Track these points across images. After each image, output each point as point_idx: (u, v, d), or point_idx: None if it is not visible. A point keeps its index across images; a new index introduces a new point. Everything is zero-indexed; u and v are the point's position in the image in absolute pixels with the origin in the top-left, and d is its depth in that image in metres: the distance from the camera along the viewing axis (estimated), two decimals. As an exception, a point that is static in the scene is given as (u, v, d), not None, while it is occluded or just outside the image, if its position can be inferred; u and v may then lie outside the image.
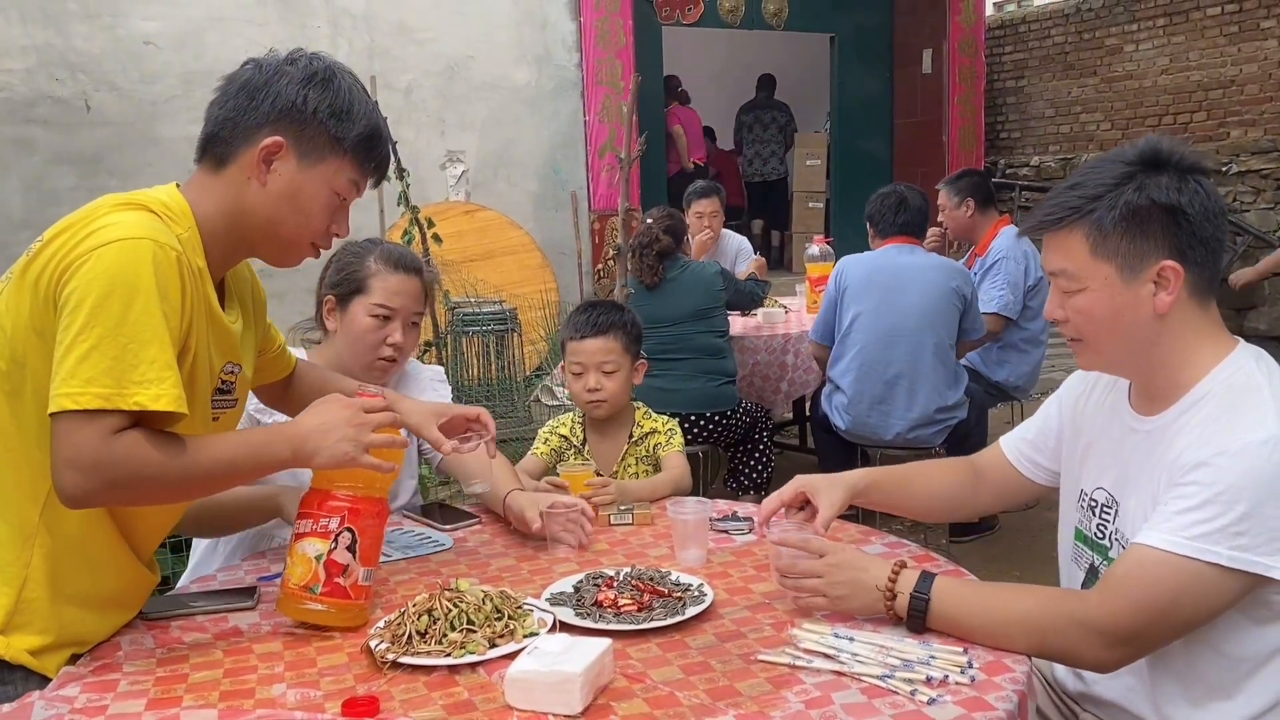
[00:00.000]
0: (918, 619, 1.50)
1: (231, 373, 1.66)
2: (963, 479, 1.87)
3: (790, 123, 10.38)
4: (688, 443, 4.02)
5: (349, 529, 1.61)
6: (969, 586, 1.55)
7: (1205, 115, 8.21)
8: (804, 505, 1.77)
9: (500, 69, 7.34)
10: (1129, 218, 1.45)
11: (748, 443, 4.26)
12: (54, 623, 1.52)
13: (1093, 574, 1.63)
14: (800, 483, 1.77)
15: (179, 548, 2.70)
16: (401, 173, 5.07)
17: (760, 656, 1.46)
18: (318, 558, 1.59)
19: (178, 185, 1.62)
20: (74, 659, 1.54)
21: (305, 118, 1.55)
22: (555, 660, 1.35)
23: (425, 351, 5.47)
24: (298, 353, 2.24)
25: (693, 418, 3.98)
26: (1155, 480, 1.49)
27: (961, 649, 1.45)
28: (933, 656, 1.43)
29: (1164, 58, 8.46)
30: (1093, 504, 1.64)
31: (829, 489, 1.75)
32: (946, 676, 1.38)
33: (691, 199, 5.32)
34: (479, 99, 7.31)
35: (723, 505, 2.12)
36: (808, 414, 5.11)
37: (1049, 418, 1.78)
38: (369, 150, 1.62)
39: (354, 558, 1.61)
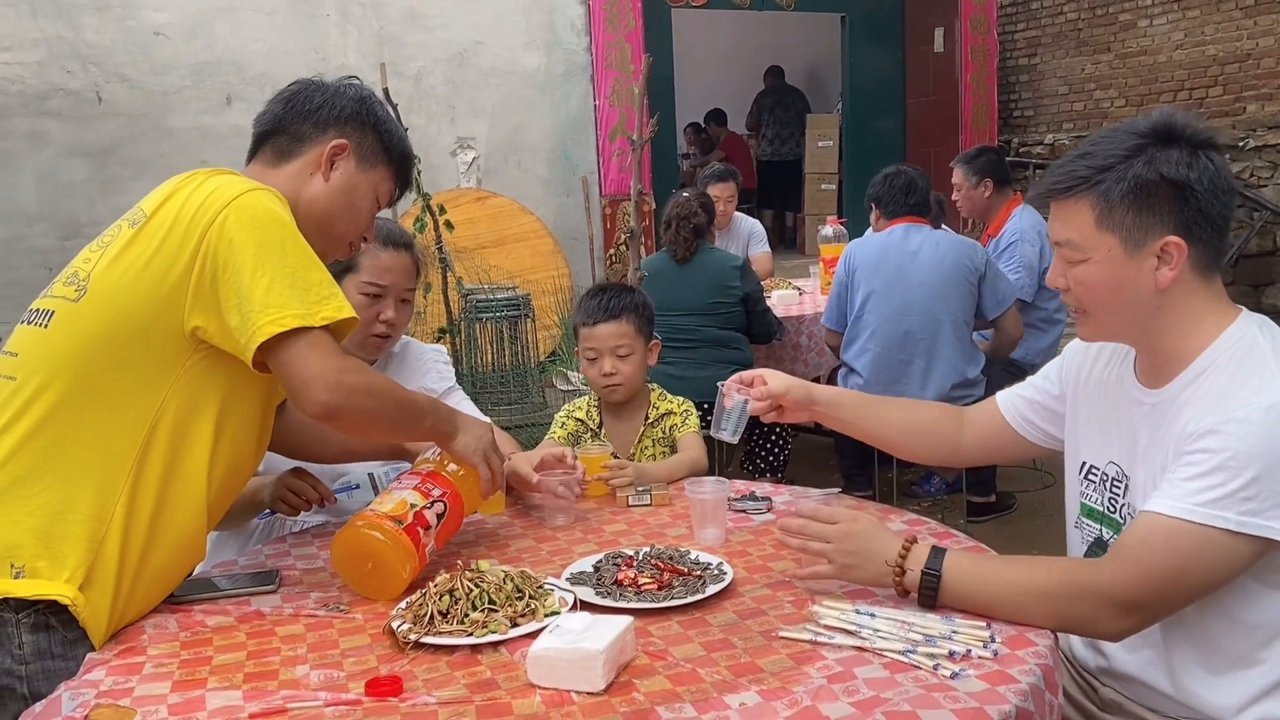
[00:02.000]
0: (929, 596, 1.49)
1: None
2: (942, 419, 1.87)
3: (807, 107, 10.38)
4: (701, 428, 4.05)
5: (444, 502, 1.73)
6: (981, 561, 1.54)
7: (1221, 90, 8.13)
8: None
9: (509, 54, 7.33)
10: (1136, 191, 1.44)
11: (763, 425, 4.23)
12: (119, 590, 1.55)
13: (1099, 545, 1.63)
14: (760, 369, 1.89)
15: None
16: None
17: (782, 633, 1.46)
18: (413, 506, 1.70)
19: None
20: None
21: (366, 127, 1.76)
22: (577, 638, 1.35)
23: (439, 338, 5.49)
24: None
25: (705, 405, 3.96)
26: (1164, 451, 1.48)
27: (984, 623, 1.44)
28: (955, 631, 1.43)
29: (1179, 32, 8.37)
30: (1103, 478, 1.64)
31: (786, 378, 1.84)
32: (969, 651, 1.37)
33: (708, 182, 5.29)
34: (489, 85, 7.30)
35: (740, 485, 2.12)
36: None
37: (1049, 381, 1.77)
38: (406, 166, 1.86)
39: (436, 526, 1.71)
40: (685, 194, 4.10)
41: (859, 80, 9.31)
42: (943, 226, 4.65)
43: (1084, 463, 1.68)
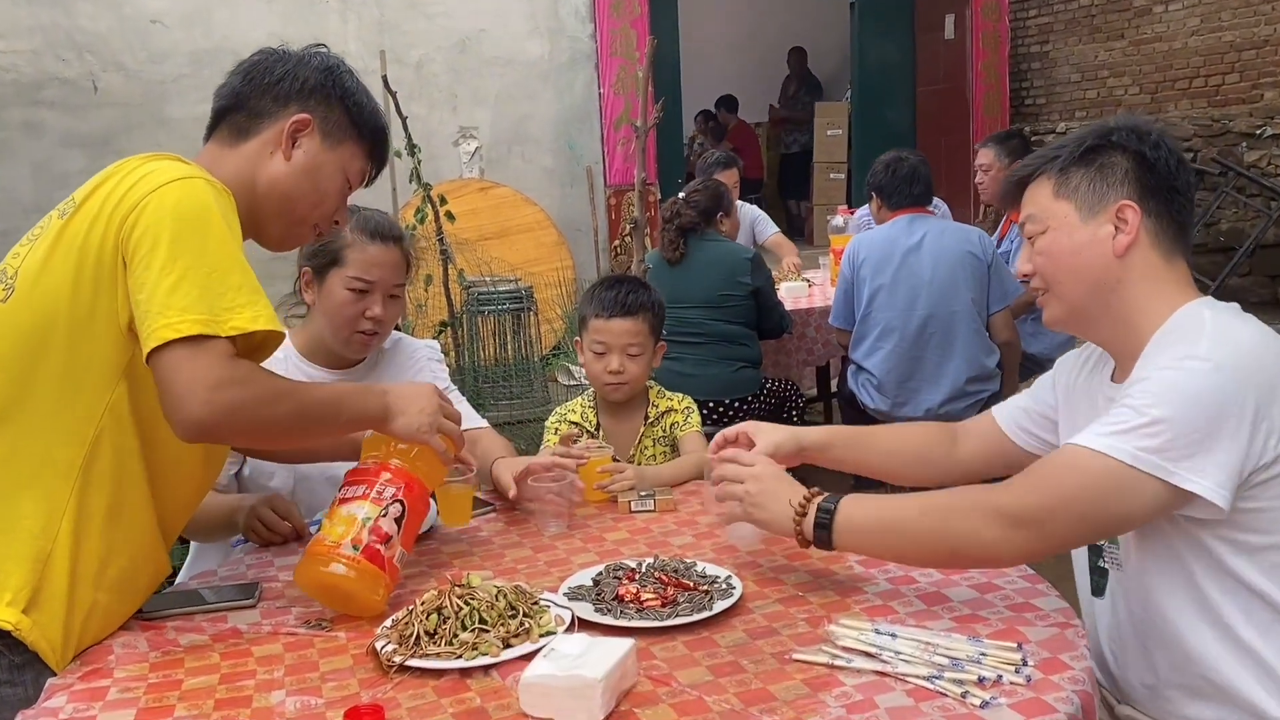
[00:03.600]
0: (824, 533, 1.48)
1: None
2: (934, 439, 1.83)
3: (821, 94, 10.28)
4: (708, 426, 3.93)
5: (401, 502, 1.58)
6: (879, 496, 1.55)
7: (1238, 77, 7.96)
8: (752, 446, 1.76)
9: (512, 42, 7.21)
10: (1088, 157, 1.51)
11: (776, 421, 4.12)
12: (73, 607, 1.45)
13: (1095, 553, 1.59)
14: (747, 425, 1.79)
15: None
16: (413, 149, 4.96)
17: (795, 655, 1.35)
18: (365, 520, 1.54)
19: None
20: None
21: (331, 101, 1.62)
22: (574, 664, 1.25)
23: (440, 332, 5.38)
24: None
25: (711, 404, 3.86)
26: None
27: (1015, 645, 1.33)
28: (984, 654, 1.32)
29: (1195, 18, 8.21)
30: None
31: (773, 430, 1.76)
32: (1000, 676, 1.26)
33: (711, 170, 5.18)
34: (491, 73, 7.17)
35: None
36: (832, 390, 4.98)
37: (1044, 390, 1.74)
38: (379, 142, 1.70)
39: (398, 532, 1.56)
40: (681, 194, 3.96)
41: (868, 67, 9.17)
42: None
43: None
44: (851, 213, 4.89)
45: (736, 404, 3.91)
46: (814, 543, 1.50)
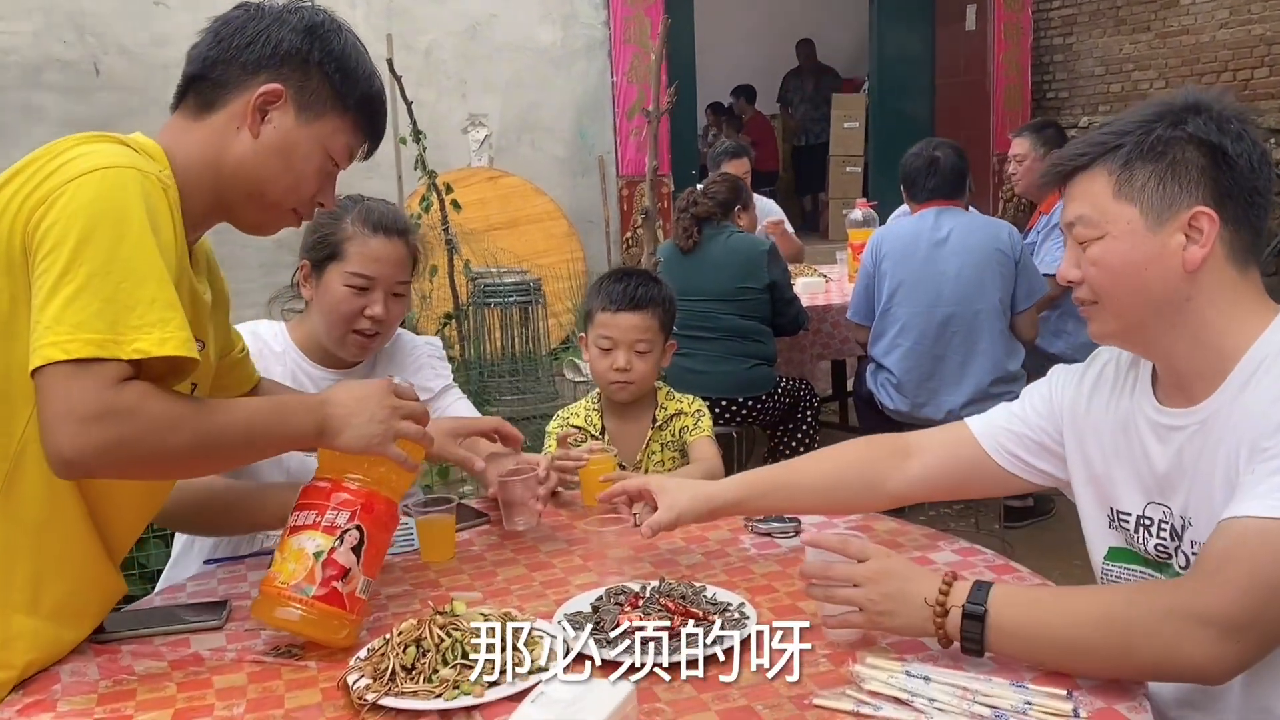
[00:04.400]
0: (974, 640, 1.23)
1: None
2: (874, 459, 1.61)
3: (840, 85, 10.12)
4: (720, 425, 3.79)
5: (358, 527, 1.39)
6: (1034, 590, 1.34)
7: (1268, 71, 7.77)
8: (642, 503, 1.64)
9: (524, 28, 7.04)
10: (1160, 154, 1.27)
11: (789, 422, 3.97)
12: (7, 637, 1.30)
13: None
14: (650, 480, 1.65)
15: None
16: (418, 135, 4.82)
17: (816, 700, 1.20)
18: (317, 554, 1.35)
19: (141, 135, 1.42)
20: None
21: (309, 68, 1.42)
22: (565, 711, 1.10)
23: (445, 324, 5.24)
24: (275, 325, 2.02)
25: (724, 402, 3.71)
26: (1234, 463, 1.23)
27: (1065, 692, 1.18)
28: (1029, 702, 1.17)
29: (1223, 10, 8.01)
30: (1144, 522, 1.39)
31: (677, 491, 1.59)
32: (1049, 732, 1.11)
33: (720, 160, 5.03)
34: (502, 60, 7.01)
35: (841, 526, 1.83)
36: (849, 389, 4.83)
37: (1037, 415, 1.53)
38: (370, 114, 1.50)
39: (358, 562, 1.38)
40: (699, 185, 3.82)
41: (887, 59, 9.00)
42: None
43: (1112, 509, 1.43)
44: (872, 206, 4.72)
45: (750, 403, 3.76)
46: (962, 650, 1.26)
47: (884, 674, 1.23)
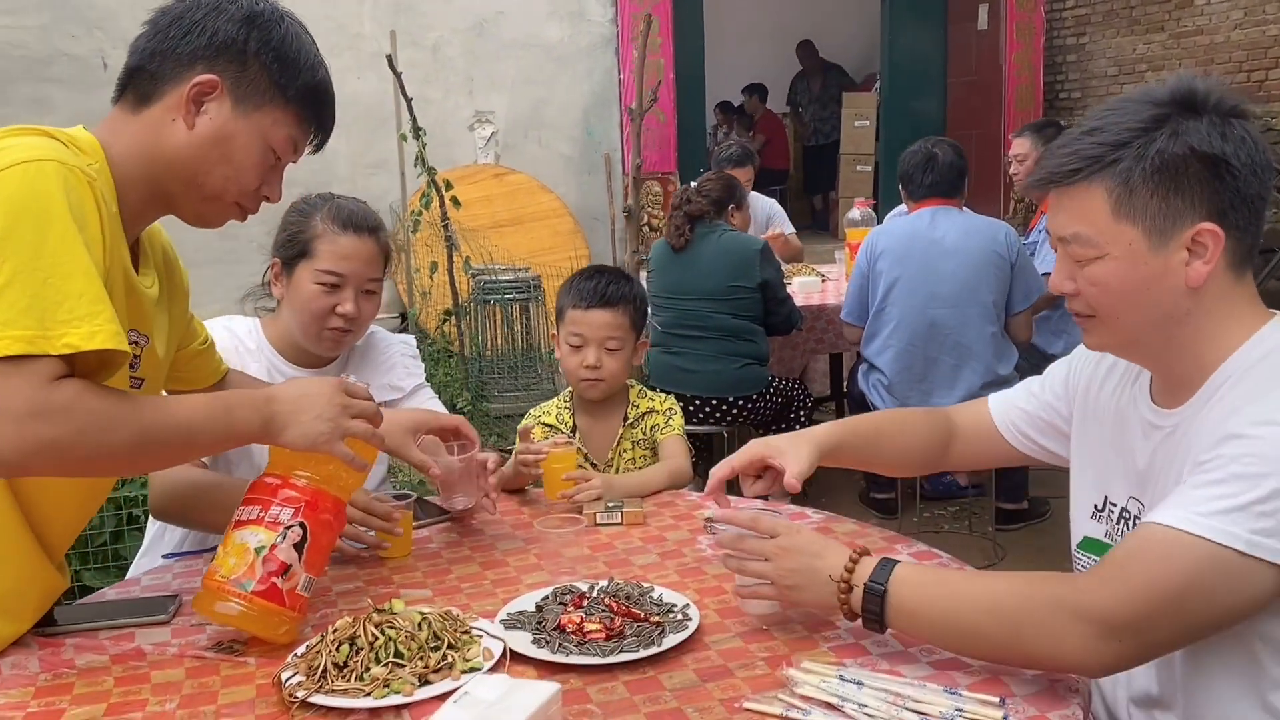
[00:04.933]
0: (874, 617, 1.26)
1: (136, 343, 1.42)
2: (936, 433, 1.66)
3: (850, 83, 10.08)
4: (711, 425, 3.78)
5: (301, 524, 1.38)
6: (935, 572, 1.32)
7: (1283, 72, 7.69)
8: (762, 473, 1.56)
9: (531, 25, 7.04)
10: (1161, 170, 1.20)
11: (782, 422, 3.95)
12: None
13: None
14: (757, 447, 1.56)
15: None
16: (418, 132, 4.82)
17: (747, 704, 1.19)
18: (258, 550, 1.35)
19: (84, 127, 1.42)
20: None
21: (246, 58, 1.39)
22: (486, 712, 1.09)
23: (445, 320, 5.25)
24: (249, 322, 2.01)
25: (714, 401, 3.69)
26: (1178, 476, 1.22)
27: (998, 699, 1.17)
28: (960, 709, 1.15)
29: (1238, 10, 7.93)
30: (1125, 515, 1.38)
31: (794, 447, 1.54)
32: (976, 739, 1.10)
33: (725, 165, 5.02)
34: (509, 57, 7.02)
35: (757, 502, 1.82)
36: (845, 390, 4.81)
37: (1053, 395, 1.54)
38: (314, 105, 1.46)
39: (299, 559, 1.37)
40: (694, 183, 3.80)
41: (898, 58, 8.94)
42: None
43: (1101, 497, 1.42)
44: (870, 205, 4.70)
45: (740, 402, 3.75)
46: (864, 626, 1.29)
47: (817, 678, 1.22)
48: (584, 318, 2.11)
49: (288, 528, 1.38)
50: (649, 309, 3.85)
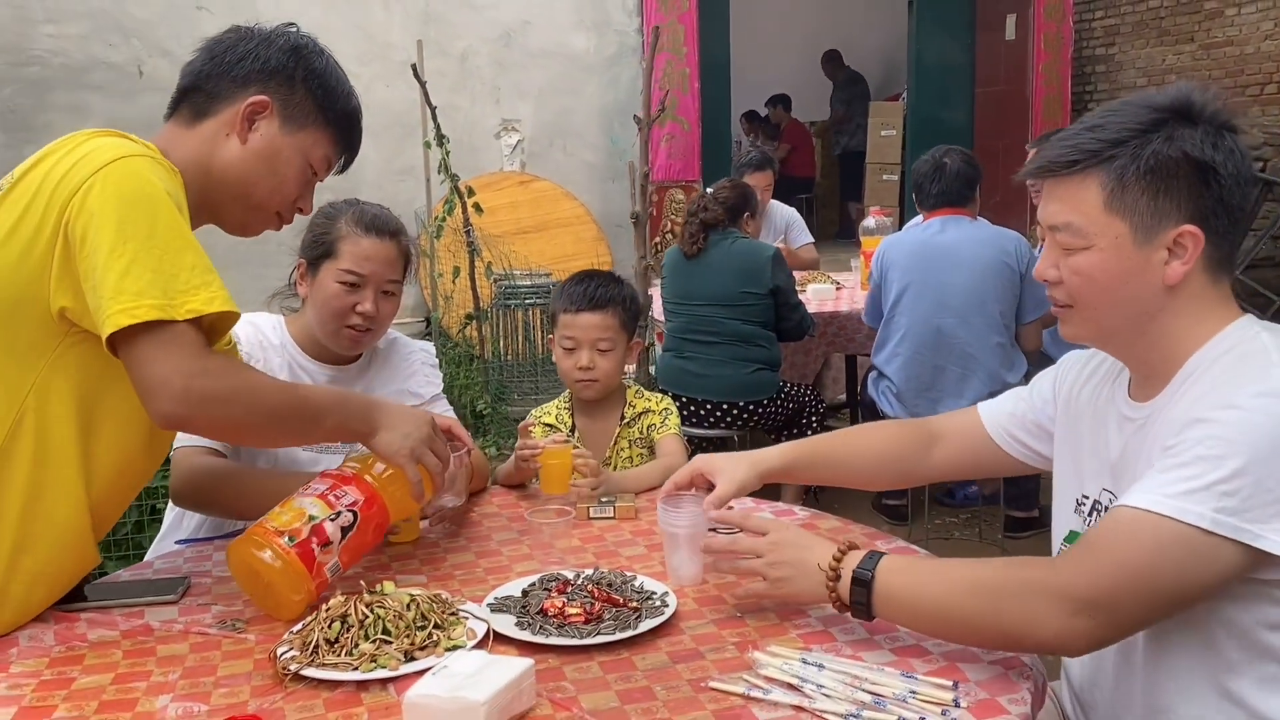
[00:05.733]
0: (861, 604, 1.32)
1: None
2: (907, 443, 1.68)
3: (869, 94, 10.09)
4: (721, 429, 3.84)
5: (354, 513, 1.53)
6: (920, 561, 1.40)
7: (1313, 84, 7.64)
8: (710, 489, 1.61)
9: (558, 35, 7.15)
10: (1154, 170, 1.26)
11: (793, 428, 4.01)
12: None
13: None
14: (699, 463, 1.63)
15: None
16: (441, 139, 4.92)
17: (712, 683, 1.26)
18: (312, 517, 1.50)
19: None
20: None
21: (294, 83, 1.58)
22: (461, 684, 1.16)
23: (467, 325, 5.34)
24: (274, 318, 2.10)
25: (725, 405, 3.75)
26: (1147, 465, 1.27)
27: (951, 683, 1.23)
28: (913, 692, 1.21)
29: (1268, 21, 7.88)
30: (1097, 507, 1.43)
31: (732, 466, 1.61)
32: (923, 718, 1.16)
33: (744, 170, 5.08)
34: (535, 66, 7.12)
35: (750, 504, 1.88)
36: (858, 397, 4.85)
37: (1042, 398, 1.58)
38: (348, 128, 1.65)
39: (340, 541, 1.50)
40: (709, 190, 3.87)
41: (925, 67, 8.95)
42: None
43: (1080, 492, 1.47)
44: (886, 213, 4.74)
45: (751, 406, 3.81)
46: (852, 614, 1.35)
47: (780, 661, 1.28)
48: (574, 321, 2.18)
49: (342, 511, 1.52)
50: (664, 313, 3.93)
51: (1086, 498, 1.46)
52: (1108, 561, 1.19)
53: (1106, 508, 1.40)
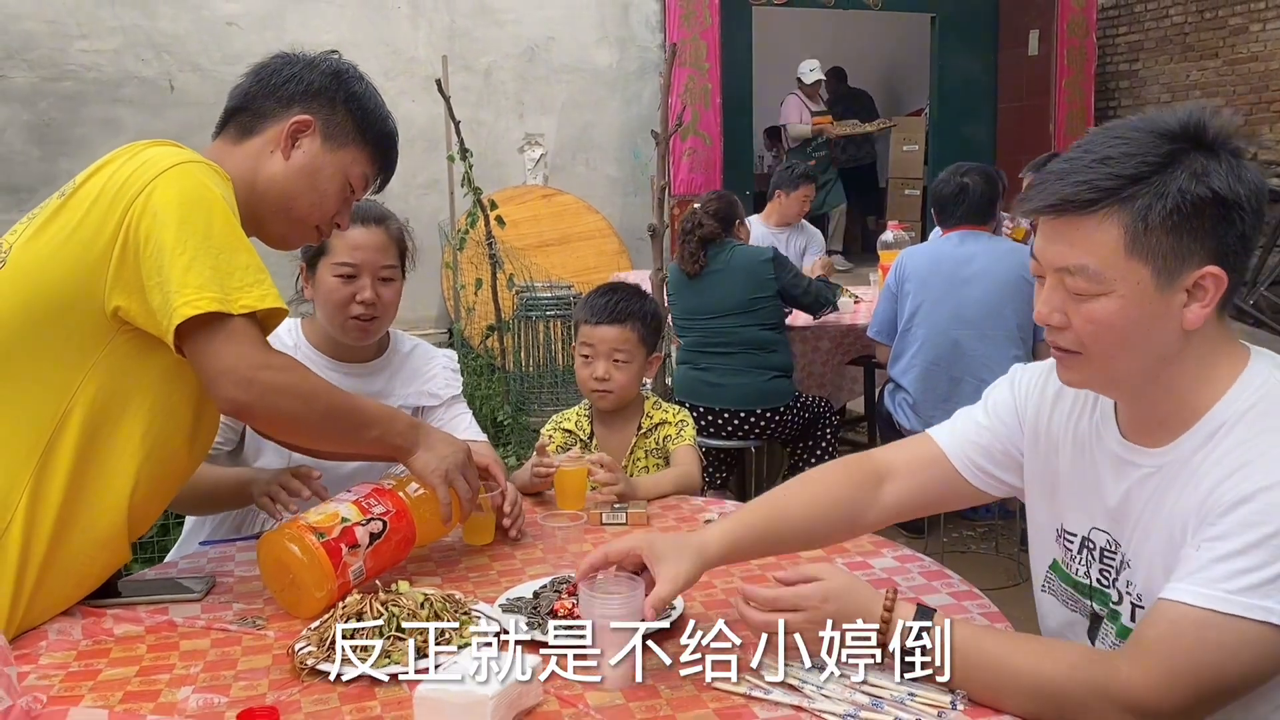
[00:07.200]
0: (910, 661, 1.25)
1: None
2: (854, 489, 1.52)
3: (874, 110, 10.10)
4: (738, 439, 3.87)
5: (384, 522, 1.59)
6: (974, 637, 1.25)
7: (1337, 100, 7.61)
8: (641, 569, 1.40)
9: (581, 51, 7.23)
10: (1178, 210, 1.16)
11: (808, 438, 4.04)
12: (20, 585, 1.46)
13: (1096, 623, 1.38)
14: (639, 543, 1.40)
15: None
16: (464, 153, 4.99)
17: (714, 683, 1.29)
18: (344, 519, 1.56)
19: None
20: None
21: (335, 104, 1.66)
22: (470, 679, 1.20)
23: (489, 336, 5.40)
24: (289, 322, 2.16)
25: (742, 414, 3.79)
26: (1176, 525, 1.23)
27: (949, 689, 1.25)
28: (912, 694, 1.24)
29: (1293, 37, 7.88)
30: (1086, 544, 1.39)
31: (676, 558, 1.37)
32: (920, 720, 1.18)
33: (798, 183, 5.18)
34: (559, 81, 7.21)
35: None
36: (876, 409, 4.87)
37: (1002, 423, 1.48)
38: (385, 148, 1.73)
39: (367, 546, 1.57)
40: (696, 204, 3.92)
41: (948, 83, 8.99)
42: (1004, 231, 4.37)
43: (1060, 527, 1.43)
44: (903, 227, 4.77)
45: (768, 414, 3.84)
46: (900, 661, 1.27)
47: (783, 662, 1.31)
48: (593, 332, 2.23)
49: (374, 517, 1.58)
50: (675, 328, 3.97)
51: (1073, 534, 1.40)
52: (1182, 671, 1.13)
53: (1103, 549, 1.35)
